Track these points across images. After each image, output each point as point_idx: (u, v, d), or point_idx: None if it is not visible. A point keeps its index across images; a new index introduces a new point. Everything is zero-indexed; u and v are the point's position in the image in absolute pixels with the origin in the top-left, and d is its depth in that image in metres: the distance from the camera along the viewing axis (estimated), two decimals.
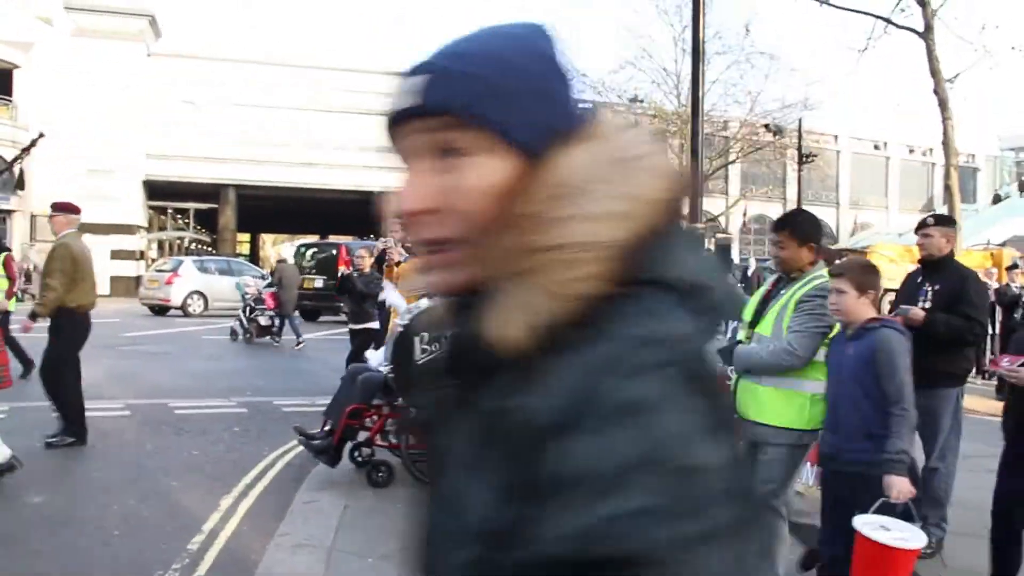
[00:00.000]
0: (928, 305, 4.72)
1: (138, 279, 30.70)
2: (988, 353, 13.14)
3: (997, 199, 42.08)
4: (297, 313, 17.13)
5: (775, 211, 46.93)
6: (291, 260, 19.51)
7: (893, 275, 28.96)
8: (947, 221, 5.06)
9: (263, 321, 16.49)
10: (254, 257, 54.74)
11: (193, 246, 40.19)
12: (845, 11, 11.39)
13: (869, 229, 44.20)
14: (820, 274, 3.57)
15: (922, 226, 4.98)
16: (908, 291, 5.01)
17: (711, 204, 40.64)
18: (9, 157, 33.64)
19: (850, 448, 3.26)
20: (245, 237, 56.36)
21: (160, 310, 23.33)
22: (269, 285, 17.84)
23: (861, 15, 11.49)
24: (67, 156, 34.08)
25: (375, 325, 8.91)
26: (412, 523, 0.83)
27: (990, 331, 12.72)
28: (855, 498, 3.14)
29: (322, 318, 21.49)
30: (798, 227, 3.73)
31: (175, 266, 23.99)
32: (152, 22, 35.82)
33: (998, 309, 12.34)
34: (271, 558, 4.17)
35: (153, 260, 33.62)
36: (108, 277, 34.34)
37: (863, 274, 3.37)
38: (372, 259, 9.13)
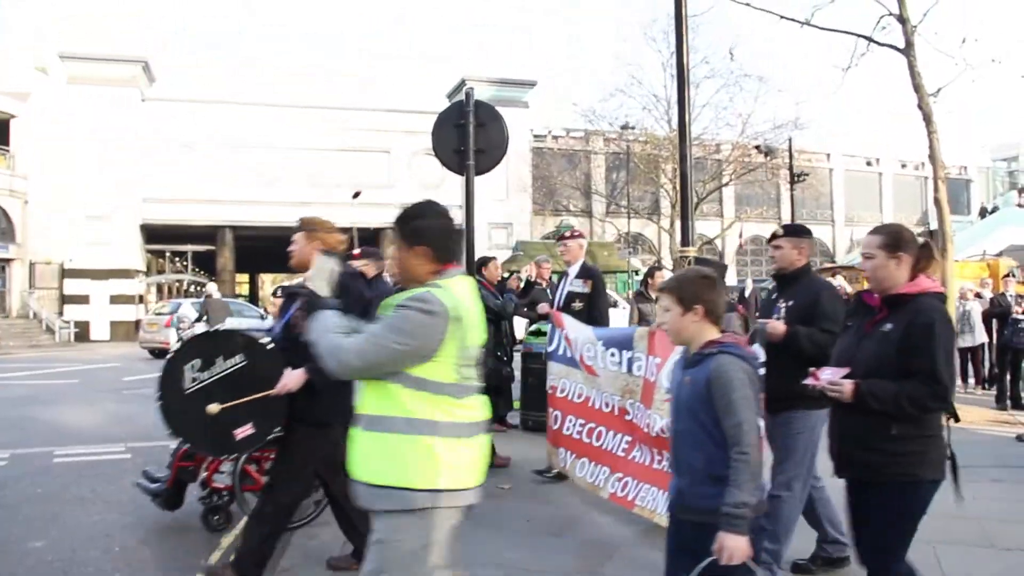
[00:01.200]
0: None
1: (137, 323, 30.72)
2: (986, 363, 13.15)
3: (984, 213, 42.30)
4: None
5: (770, 231, 47.05)
6: (216, 295, 20.81)
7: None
8: (798, 231, 4.65)
9: None
10: (253, 298, 54.77)
11: (192, 288, 40.25)
12: (826, 31, 11.51)
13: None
14: (437, 283, 2.72)
15: (773, 238, 4.62)
16: (764, 309, 4.64)
17: (706, 227, 40.83)
18: (7, 207, 33.84)
19: (693, 493, 2.79)
20: (244, 278, 56.46)
21: (160, 353, 23.30)
22: (199, 319, 19.27)
23: (843, 34, 11.62)
24: (65, 203, 34.27)
25: None
26: None
27: (985, 340, 12.71)
28: (699, 548, 2.65)
29: None
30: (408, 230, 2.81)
31: (174, 309, 24.03)
32: (145, 68, 36.18)
33: (993, 320, 12.39)
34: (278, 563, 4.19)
35: (152, 303, 33.66)
36: (108, 321, 34.39)
37: (690, 286, 2.91)
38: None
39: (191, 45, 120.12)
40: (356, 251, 5.60)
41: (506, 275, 11.51)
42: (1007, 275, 13.41)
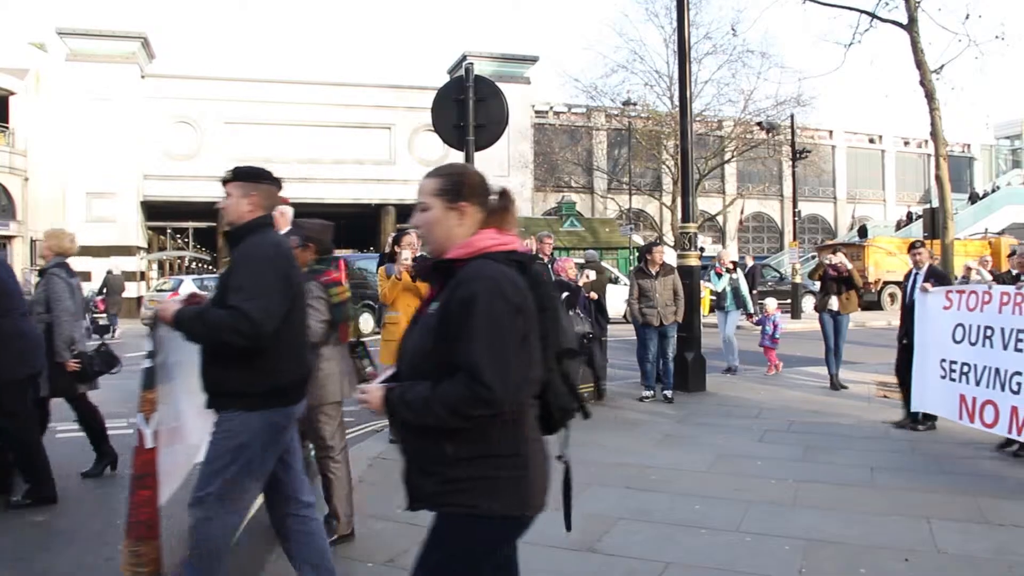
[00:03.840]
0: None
1: (139, 299, 30.77)
2: None
3: (975, 198, 42.18)
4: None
5: (773, 208, 47.06)
6: (116, 271, 24.51)
7: (892, 267, 28.97)
8: (249, 175, 3.66)
9: (101, 322, 21.04)
10: None
11: (193, 265, 40.27)
12: (830, 7, 11.44)
13: (867, 222, 44.26)
14: None
15: (224, 183, 3.70)
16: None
17: (708, 204, 40.71)
18: (7, 184, 33.80)
19: None
20: None
21: None
22: (99, 292, 22.86)
23: (846, 10, 11.57)
24: (65, 180, 34.24)
25: None
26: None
27: None
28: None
29: None
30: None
31: (175, 285, 24.08)
32: (145, 44, 35.97)
33: None
34: (275, 567, 4.22)
35: (153, 280, 33.71)
36: None
37: None
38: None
39: (192, 20, 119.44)
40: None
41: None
42: (1011, 254, 13.36)
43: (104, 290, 22.55)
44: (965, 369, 6.73)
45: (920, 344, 7.41)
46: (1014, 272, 8.15)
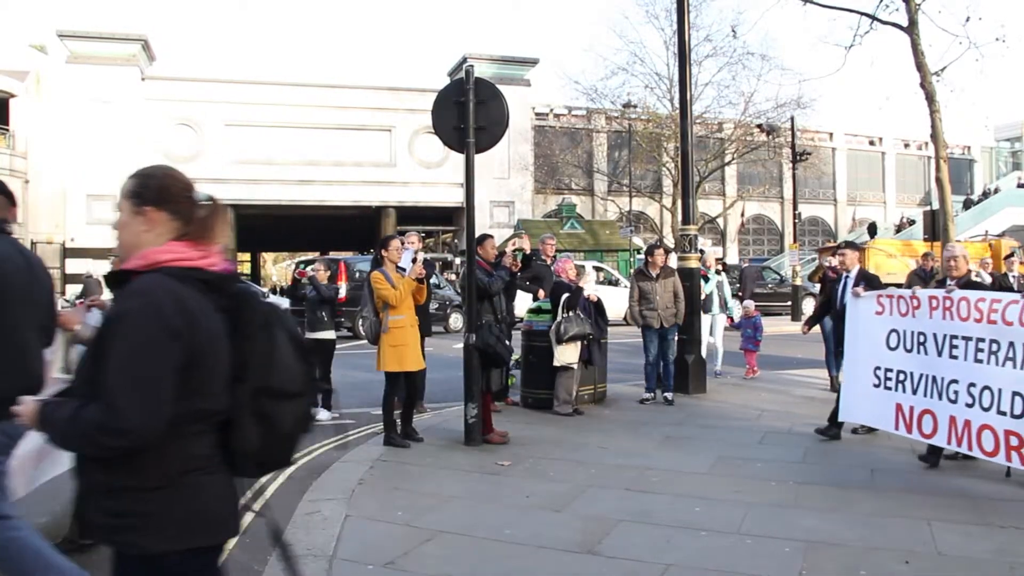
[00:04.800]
0: None
1: None
2: None
3: (968, 204, 42.21)
4: None
5: (773, 210, 47.08)
6: (95, 275, 25.46)
7: (892, 269, 28.78)
8: None
9: None
10: (255, 276, 54.85)
11: None
12: (830, 9, 11.46)
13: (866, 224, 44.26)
14: None
15: None
16: None
17: (708, 206, 40.72)
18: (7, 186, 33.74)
19: None
20: (245, 256, 56.50)
21: None
22: (79, 297, 23.18)
23: (846, 12, 11.58)
24: (65, 182, 34.26)
25: (331, 335, 9.30)
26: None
27: None
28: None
29: None
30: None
31: None
32: (145, 46, 36.00)
33: None
34: (274, 568, 4.21)
35: None
36: (110, 300, 34.43)
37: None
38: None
39: (192, 22, 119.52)
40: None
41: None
42: (1008, 255, 13.36)
43: (84, 294, 23.85)
44: (901, 377, 6.39)
45: (851, 352, 7.03)
46: (938, 277, 7.43)
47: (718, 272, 12.11)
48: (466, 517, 5.12)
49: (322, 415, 8.77)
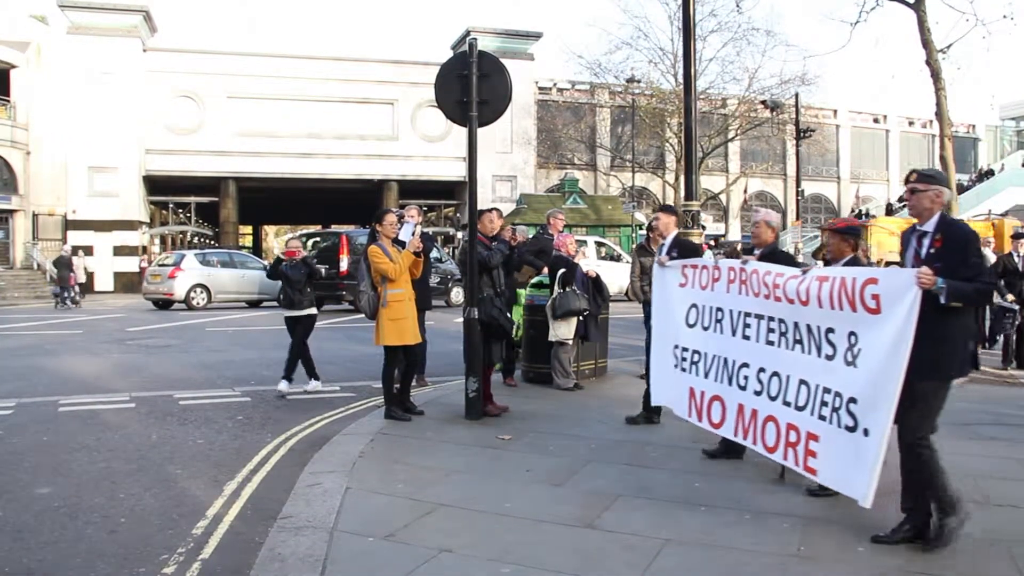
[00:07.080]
0: None
1: (141, 274, 30.83)
2: (986, 322, 13.04)
3: (962, 189, 42.09)
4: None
5: (776, 187, 46.93)
6: (67, 251, 28.12)
7: (894, 247, 28.78)
8: None
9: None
10: (257, 249, 54.79)
11: (195, 240, 40.25)
12: None
13: (871, 203, 44.12)
14: None
15: None
16: None
17: (711, 182, 40.61)
18: (9, 158, 33.74)
19: None
20: (247, 229, 56.47)
21: (164, 304, 23.45)
22: (57, 275, 26.45)
23: None
24: (67, 154, 34.17)
25: (313, 311, 9.22)
26: None
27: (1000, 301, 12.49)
28: None
29: (325, 307, 21.55)
30: None
31: (177, 260, 24.11)
32: (147, 17, 35.75)
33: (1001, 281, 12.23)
34: (274, 539, 4.24)
35: (155, 255, 33.74)
36: (111, 273, 34.48)
37: None
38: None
39: None
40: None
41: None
42: (1016, 235, 13.26)
43: (58, 268, 26.53)
44: (696, 358, 5.66)
45: (657, 327, 6.30)
46: (828, 256, 6.16)
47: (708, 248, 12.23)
48: (466, 490, 5.14)
49: (312, 385, 8.94)
